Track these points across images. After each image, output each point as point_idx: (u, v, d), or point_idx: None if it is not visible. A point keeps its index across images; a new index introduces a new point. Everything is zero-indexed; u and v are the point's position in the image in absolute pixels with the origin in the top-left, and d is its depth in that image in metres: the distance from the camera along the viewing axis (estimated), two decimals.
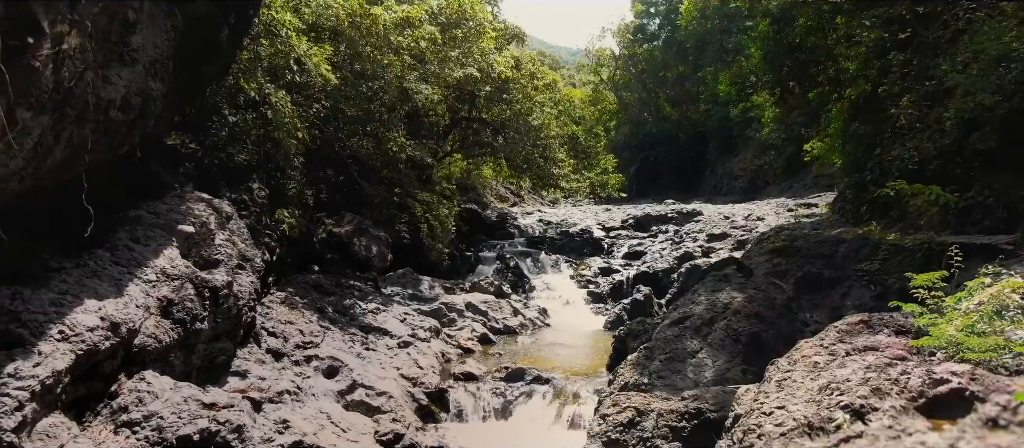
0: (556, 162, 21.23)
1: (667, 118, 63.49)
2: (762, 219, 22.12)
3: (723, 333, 7.79)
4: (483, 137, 20.67)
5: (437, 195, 18.77)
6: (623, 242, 22.73)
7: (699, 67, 58.10)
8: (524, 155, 20.51)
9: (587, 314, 17.58)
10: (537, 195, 41.04)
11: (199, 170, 11.94)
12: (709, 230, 21.19)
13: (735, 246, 19.45)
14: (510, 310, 15.68)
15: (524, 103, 19.94)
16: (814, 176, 38.60)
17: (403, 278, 16.26)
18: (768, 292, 8.47)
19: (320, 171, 16.94)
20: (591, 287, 18.96)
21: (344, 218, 16.75)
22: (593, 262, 20.68)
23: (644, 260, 20.32)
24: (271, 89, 12.34)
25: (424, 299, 15.54)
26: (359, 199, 17.97)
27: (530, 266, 20.09)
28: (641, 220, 25.09)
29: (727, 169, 49.54)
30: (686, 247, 20.24)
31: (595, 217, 27.78)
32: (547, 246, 21.96)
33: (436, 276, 17.33)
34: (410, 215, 17.75)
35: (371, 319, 12.59)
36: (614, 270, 19.86)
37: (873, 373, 4.94)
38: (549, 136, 20.69)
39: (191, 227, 9.71)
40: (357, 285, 14.12)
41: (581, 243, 22.66)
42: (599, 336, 15.15)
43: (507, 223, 24.61)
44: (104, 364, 6.82)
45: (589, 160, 25.21)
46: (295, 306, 11.62)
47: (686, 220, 24.56)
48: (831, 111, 16.89)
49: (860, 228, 11.09)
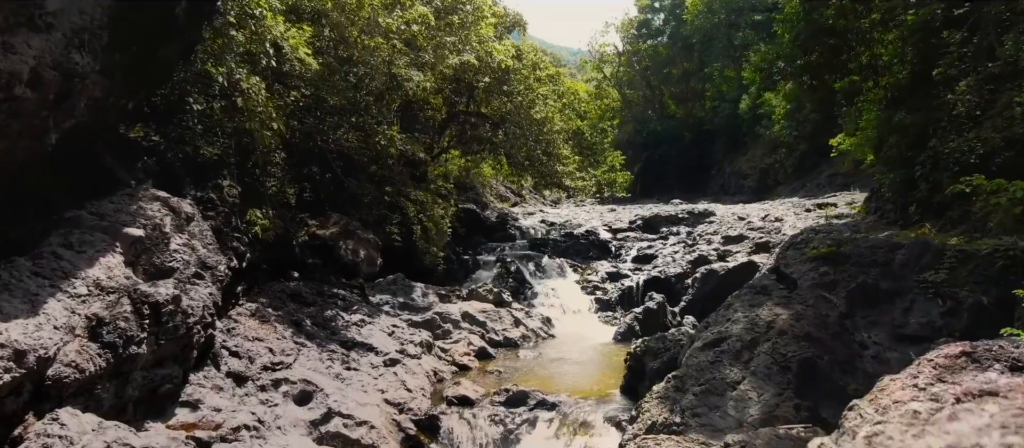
0: (560, 159, 19.89)
1: (672, 116, 62.17)
2: (780, 220, 20.80)
3: (768, 359, 6.49)
4: (482, 132, 19.36)
5: (432, 194, 17.47)
6: (631, 244, 21.41)
7: (705, 63, 56.81)
8: (526, 151, 19.18)
9: (595, 324, 16.25)
10: (539, 195, 39.72)
11: (161, 165, 10.62)
12: (724, 232, 19.86)
13: (753, 249, 18.13)
14: (511, 320, 14.36)
15: (526, 95, 18.61)
16: (828, 175, 37.27)
17: (393, 285, 14.94)
18: (818, 308, 7.17)
19: (304, 168, 15.63)
20: (598, 294, 17.64)
21: (329, 219, 15.43)
22: (600, 266, 19.36)
23: (655, 264, 19.00)
24: (242, 74, 11.00)
25: (416, 308, 14.21)
26: (347, 198, 16.67)
27: (532, 271, 18.77)
28: (650, 221, 23.76)
29: (735, 168, 48.19)
30: (700, 250, 18.92)
31: (600, 218, 26.44)
32: (550, 249, 20.64)
33: (430, 282, 16.02)
34: (402, 216, 16.44)
35: (355, 333, 11.26)
36: (623, 275, 18.54)
37: (1013, 436, 3.62)
38: (552, 131, 19.36)
39: (141, 230, 8.41)
40: (341, 294, 12.78)
41: (587, 245, 21.34)
42: (609, 350, 13.83)
43: (508, 224, 23.29)
44: (5, 402, 5.51)
45: (595, 157, 23.86)
46: (267, 319, 10.29)
47: (698, 221, 23.23)
48: (863, 102, 15.55)
49: (911, 231, 9.78)
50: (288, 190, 15.37)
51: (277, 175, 15.03)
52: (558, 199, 42.64)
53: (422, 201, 16.65)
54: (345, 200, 16.64)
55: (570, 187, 21.19)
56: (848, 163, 19.88)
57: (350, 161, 14.71)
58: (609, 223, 24.33)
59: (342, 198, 16.61)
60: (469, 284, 17.80)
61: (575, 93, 21.92)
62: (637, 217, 24.31)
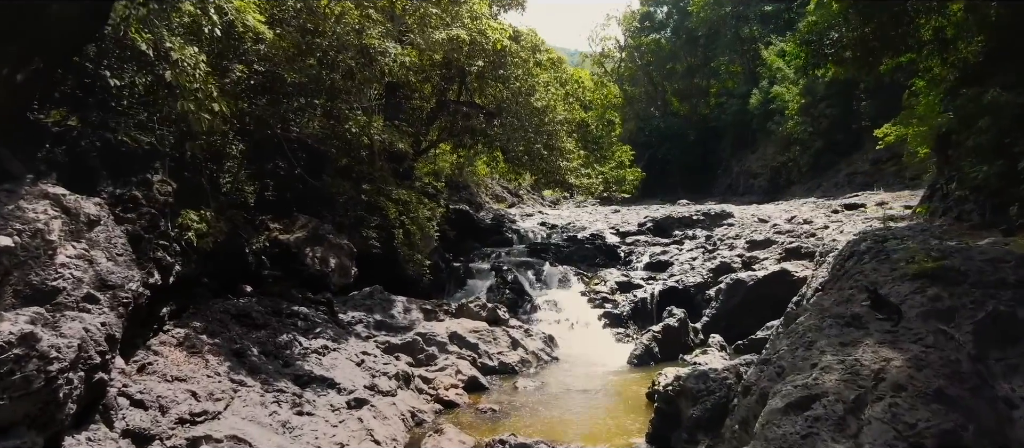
0: (563, 153, 17.77)
1: (675, 113, 60.12)
2: (809, 222, 18.73)
3: (888, 430, 4.41)
4: (475, 123, 17.24)
5: (417, 193, 15.36)
6: (642, 250, 19.30)
7: (710, 57, 54.78)
8: (524, 144, 17.06)
9: (605, 343, 14.16)
10: (537, 195, 37.60)
11: (71, 155, 8.48)
12: (747, 236, 17.76)
13: (783, 255, 16.03)
14: (507, 341, 12.24)
15: (524, 81, 16.49)
16: (846, 173, 35.24)
17: (369, 299, 12.81)
18: (940, 348, 5.12)
19: (268, 162, 13.52)
20: (608, 307, 15.53)
21: (296, 222, 13.30)
22: (608, 275, 17.25)
23: (671, 272, 16.90)
24: (174, 43, 8.85)
25: (395, 328, 12.10)
26: (319, 198, 14.56)
27: (532, 280, 16.66)
28: (661, 223, 21.65)
29: (744, 167, 46.14)
30: (722, 256, 16.82)
31: (605, 220, 24.34)
32: (552, 255, 18.52)
33: (413, 295, 13.90)
34: (382, 218, 14.33)
35: (314, 364, 9.12)
36: (635, 285, 16.44)
37: None
38: (554, 121, 17.24)
39: (8, 238, 6.29)
40: (302, 312, 10.64)
41: (593, 251, 19.22)
42: (625, 377, 11.72)
43: (504, 227, 21.18)
44: None
45: (601, 152, 21.73)
46: (197, 350, 8.14)
47: (715, 223, 21.13)
48: (920, 84, 13.49)
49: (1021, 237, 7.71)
50: (246, 188, 13.29)
51: (234, 170, 12.95)
52: (557, 200, 40.55)
53: (405, 201, 14.53)
54: (316, 200, 14.54)
55: (574, 185, 19.03)
56: (908, 157, 17.61)
57: (313, 152, 12.60)
58: (616, 226, 22.23)
59: (313, 197, 14.50)
60: (459, 296, 15.70)
61: (579, 81, 19.82)
62: (647, 219, 22.21)
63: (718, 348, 12.97)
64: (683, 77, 58.57)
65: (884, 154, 33.70)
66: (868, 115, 34.15)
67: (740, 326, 14.55)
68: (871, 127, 35.50)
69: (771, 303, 14.63)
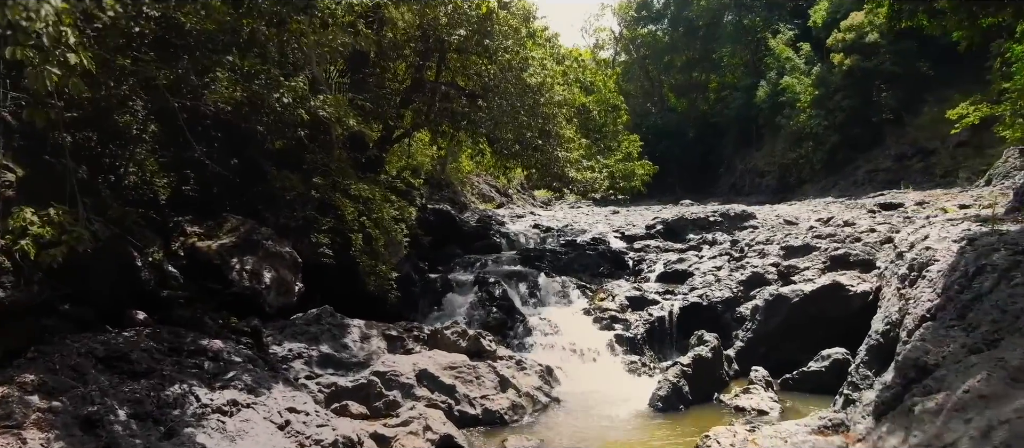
0: (562, 141, 15.04)
1: (672, 109, 57.70)
2: (850, 224, 16.08)
3: None
4: (457, 105, 14.48)
5: (383, 189, 12.62)
6: (654, 257, 16.63)
7: (710, 50, 52.28)
8: (515, 131, 14.33)
9: (618, 375, 11.48)
10: (528, 195, 34.88)
11: None
12: (782, 241, 15.08)
13: (828, 263, 13.38)
14: (494, 380, 9.50)
15: (515, 53, 13.76)
16: (866, 171, 32.69)
17: (316, 324, 10.01)
18: None
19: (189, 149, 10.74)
20: (618, 328, 12.81)
21: (223, 224, 10.52)
22: (616, 287, 14.52)
23: (691, 285, 14.22)
24: None
25: (346, 364, 9.33)
26: (263, 196, 11.83)
27: (524, 295, 13.94)
28: (673, 226, 19.00)
29: (750, 165, 43.58)
30: (752, 265, 14.17)
31: (607, 222, 21.65)
32: (548, 264, 15.78)
33: (376, 316, 11.13)
34: (336, 218, 11.56)
35: (210, 430, 6.34)
36: (649, 300, 13.75)
37: None
38: (552, 102, 14.50)
39: None
40: (213, 348, 7.82)
41: (596, 258, 16.51)
42: (651, 427, 9.03)
43: (491, 230, 18.40)
44: None
45: (606, 142, 18.97)
46: (15, 423, 5.34)
47: (735, 225, 18.52)
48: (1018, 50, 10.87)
49: None
50: (157, 180, 10.49)
51: (140, 157, 10.14)
52: (549, 200, 37.92)
53: (367, 198, 11.78)
54: (259, 197, 11.79)
55: (576, 181, 16.23)
56: (1012, 137, 14.97)
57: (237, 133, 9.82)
58: (620, 229, 19.54)
59: (254, 194, 11.76)
60: (435, 316, 12.98)
61: (578, 59, 17.07)
62: (656, 221, 19.54)
63: (763, 385, 10.28)
64: (681, 71, 56.11)
65: (909, 150, 31.20)
66: (889, 107, 31.71)
67: (783, 353, 11.91)
68: (893, 120, 33.09)
69: (822, 324, 12.02)
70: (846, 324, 12.10)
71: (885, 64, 30.63)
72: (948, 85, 30.70)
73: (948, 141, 29.06)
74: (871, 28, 30.80)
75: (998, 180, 21.37)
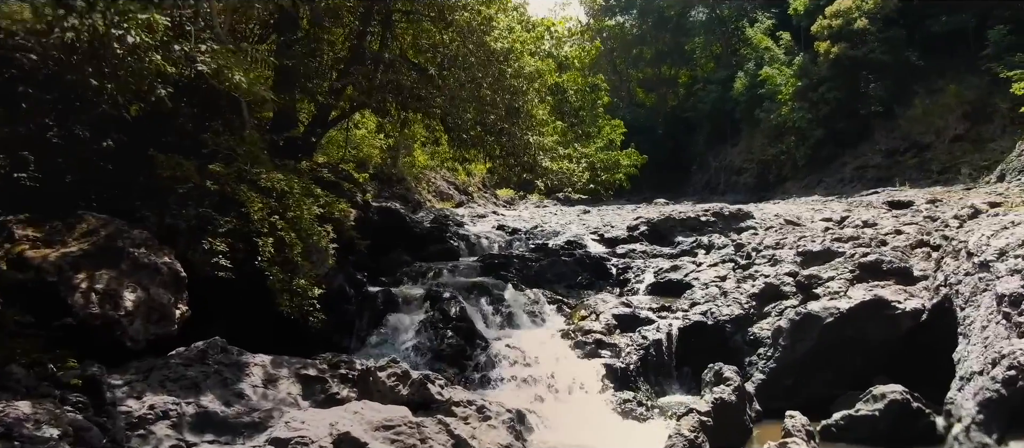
0: (533, 123, 12.47)
1: (641, 104, 55.68)
2: (871, 224, 13.92)
3: None
4: (406, 79, 11.81)
5: (306, 180, 9.96)
6: (642, 263, 14.21)
7: (681, 42, 50.33)
8: (476, 110, 11.72)
9: (609, 420, 9.03)
10: (491, 193, 32.29)
11: None
12: (796, 244, 12.75)
13: (857, 274, 11.03)
14: (446, 443, 6.86)
15: (476, 13, 11.17)
16: (854, 167, 30.81)
17: (198, 365, 7.31)
18: None
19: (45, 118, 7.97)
20: (606, 355, 10.32)
21: (76, 225, 7.78)
22: (600, 302, 12.01)
23: (692, 299, 11.81)
24: None
25: (234, 426, 6.67)
26: (143, 189, 9.13)
27: (488, 313, 11.37)
28: (659, 227, 16.61)
29: (725, 162, 41.62)
30: (763, 274, 11.81)
31: (581, 222, 19.20)
32: (516, 273, 13.22)
33: (292, 348, 8.48)
34: (241, 218, 8.86)
35: None
36: (641, 319, 11.28)
37: None
38: (521, 74, 11.92)
39: None
40: (9, 418, 5.08)
41: (573, 266, 13.99)
42: None
43: (447, 232, 15.73)
44: None
45: (584, 127, 16.40)
46: None
47: (731, 226, 16.24)
48: None
49: None
50: None
51: None
52: (512, 199, 35.45)
53: (283, 191, 9.09)
54: (137, 189, 9.07)
55: (549, 172, 13.57)
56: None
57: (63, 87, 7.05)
58: (597, 230, 17.08)
59: (129, 184, 9.04)
60: (374, 342, 10.33)
61: (551, 28, 14.58)
62: (639, 221, 17.13)
63: (803, 437, 7.83)
64: (650, 64, 54.18)
65: (901, 144, 29.38)
66: (878, 98, 29.87)
67: (813, 387, 9.63)
68: (882, 113, 31.31)
69: (860, 350, 9.75)
70: (889, 350, 9.82)
71: (875, 52, 28.77)
72: (940, 75, 29.05)
73: (943, 134, 27.36)
74: (859, 14, 28.92)
75: (1013, 175, 19.51)
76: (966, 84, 27.33)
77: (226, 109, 10.93)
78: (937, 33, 28.79)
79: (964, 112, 26.83)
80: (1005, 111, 24.94)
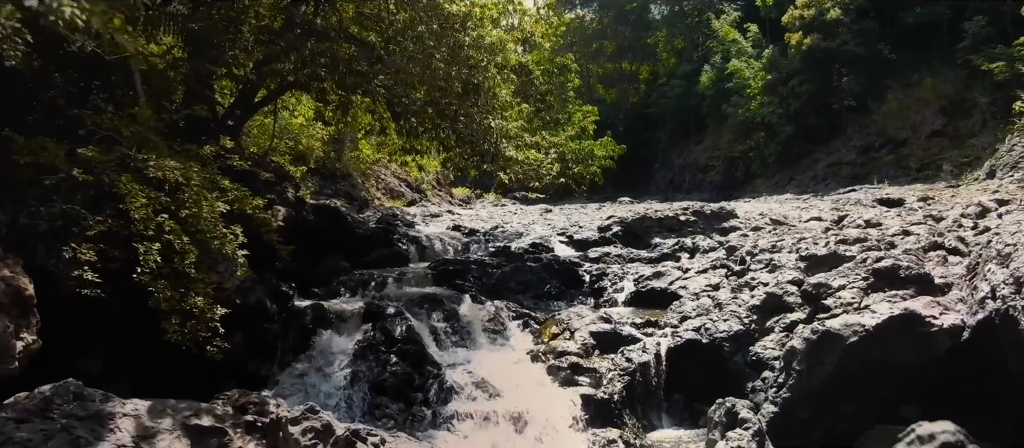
0: (494, 105, 10.64)
1: (601, 100, 54.30)
2: (875, 224, 12.51)
3: None
4: (344, 51, 9.87)
5: (212, 170, 8.03)
6: (619, 269, 12.55)
7: (643, 36, 49.17)
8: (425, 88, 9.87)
9: None
10: (445, 190, 30.42)
11: None
12: (797, 247, 11.23)
13: (871, 281, 9.52)
14: None
15: None
16: (826, 164, 29.74)
17: (41, 418, 5.32)
18: None
19: None
20: (585, 383, 8.61)
21: None
22: (574, 316, 10.24)
23: (681, 311, 10.16)
24: None
25: None
26: None
27: (442, 331, 9.55)
28: (633, 227, 15.01)
29: (689, 159, 40.41)
30: (762, 282, 10.27)
31: (546, 222, 17.50)
32: (474, 282, 11.41)
33: (183, 386, 6.50)
34: (117, 216, 6.91)
35: None
36: (624, 336, 9.60)
37: None
38: (481, 45, 10.10)
39: None
40: None
41: (539, 272, 12.25)
42: None
43: (395, 234, 13.83)
44: None
45: (552, 113, 14.63)
46: None
47: (713, 227, 14.74)
48: None
49: None
50: None
51: None
52: (469, 198, 33.67)
53: (177, 183, 7.16)
54: None
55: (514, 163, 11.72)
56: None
57: None
58: (565, 231, 15.37)
59: None
60: (297, 375, 8.41)
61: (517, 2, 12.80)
62: (611, 221, 15.51)
63: None
64: (611, 59, 52.94)
65: (876, 140, 28.35)
66: (852, 92, 28.84)
67: (834, 420, 8.06)
68: (856, 107, 30.32)
69: (888, 375, 8.18)
70: (922, 375, 8.29)
71: (848, 44, 27.71)
72: (914, 68, 28.16)
73: (920, 130, 26.40)
74: (833, 4, 27.83)
75: (1005, 171, 18.43)
76: (942, 77, 26.44)
77: (118, 84, 8.95)
78: (911, 25, 27.88)
79: (941, 107, 25.93)
80: (984, 105, 24.05)
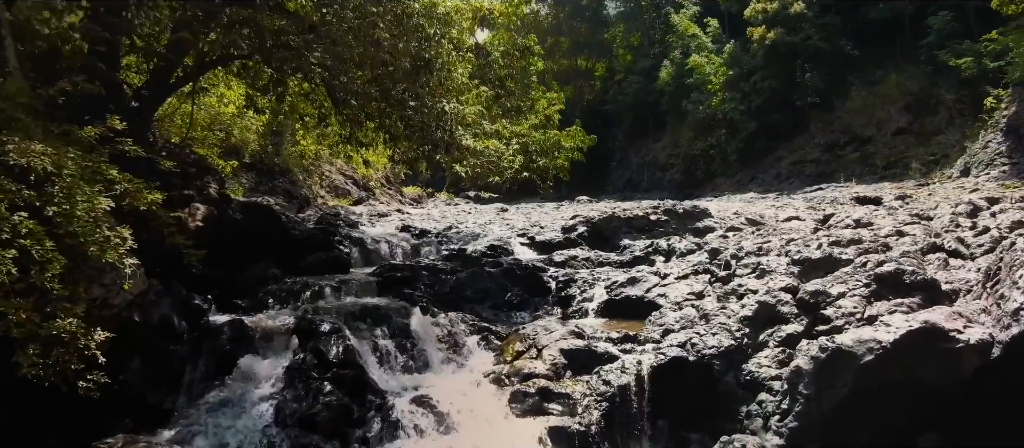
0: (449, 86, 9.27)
1: None
2: (866, 224, 11.53)
3: None
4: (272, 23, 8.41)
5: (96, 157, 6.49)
6: (588, 274, 11.30)
7: (598, 32, 48.33)
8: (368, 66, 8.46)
9: None
10: (394, 189, 28.90)
11: None
12: (787, 249, 10.14)
13: (874, 288, 8.51)
14: None
15: None
16: (790, 162, 29.08)
17: None
18: None
19: None
20: (556, 411, 7.36)
21: None
22: (542, 331, 8.93)
23: (663, 323, 8.97)
24: None
25: None
26: None
27: (387, 350, 8.16)
28: (600, 227, 13.83)
29: (648, 157, 39.55)
30: (751, 289, 9.19)
31: (503, 222, 16.20)
32: (425, 290, 10.04)
33: (63, 425, 5.01)
34: None
35: None
36: (600, 354, 8.36)
37: None
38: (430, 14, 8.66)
39: None
40: None
41: (500, 278, 10.93)
42: None
43: (336, 236, 12.34)
44: None
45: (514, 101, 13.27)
46: None
47: (687, 227, 13.66)
48: None
49: None
50: None
51: None
52: (420, 197, 32.25)
53: (46, 172, 5.64)
54: None
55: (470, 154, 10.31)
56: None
57: None
58: (525, 232, 14.08)
59: None
60: (212, 407, 6.94)
61: None
62: (576, 221, 14.28)
63: None
64: (566, 56, 51.95)
65: (841, 137, 27.80)
66: (815, 88, 28.25)
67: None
68: (819, 104, 29.78)
69: (907, 398, 7.11)
70: (944, 397, 7.23)
71: (812, 39, 27.08)
72: (877, 65, 27.68)
73: (885, 127, 25.89)
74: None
75: (980, 168, 17.79)
76: (907, 74, 25.99)
77: None
78: (874, 20, 27.39)
79: (906, 104, 25.46)
80: (950, 102, 23.59)
